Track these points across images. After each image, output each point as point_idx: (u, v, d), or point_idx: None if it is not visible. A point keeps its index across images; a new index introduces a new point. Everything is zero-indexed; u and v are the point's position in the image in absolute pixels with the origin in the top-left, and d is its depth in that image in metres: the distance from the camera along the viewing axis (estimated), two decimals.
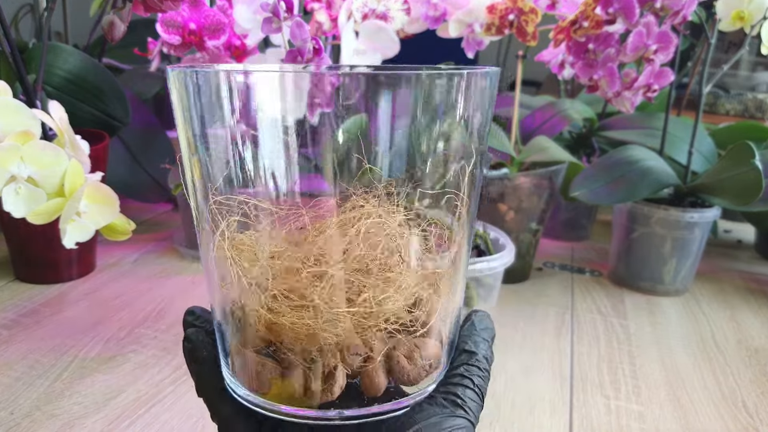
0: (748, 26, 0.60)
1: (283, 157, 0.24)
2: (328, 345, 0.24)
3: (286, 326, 0.24)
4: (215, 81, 0.23)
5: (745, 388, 0.52)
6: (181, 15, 0.57)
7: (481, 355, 0.28)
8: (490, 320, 0.30)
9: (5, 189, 0.41)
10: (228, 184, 0.25)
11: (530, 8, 0.62)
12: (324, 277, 0.24)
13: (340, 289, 0.24)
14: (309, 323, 0.24)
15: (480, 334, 0.29)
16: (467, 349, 0.28)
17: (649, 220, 0.69)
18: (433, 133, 0.25)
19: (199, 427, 0.43)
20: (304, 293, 0.24)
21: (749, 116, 1.30)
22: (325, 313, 0.24)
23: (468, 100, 0.25)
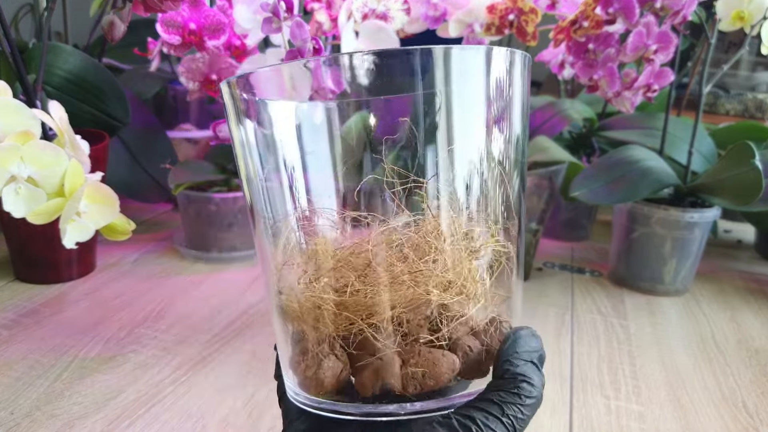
0: (748, 26, 0.60)
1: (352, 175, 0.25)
2: (327, 336, 0.24)
3: (295, 310, 0.25)
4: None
5: (745, 388, 0.52)
6: (181, 15, 0.57)
7: (524, 382, 0.24)
8: (538, 340, 0.25)
9: (5, 189, 0.41)
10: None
11: (530, 8, 0.62)
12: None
13: (343, 278, 0.24)
14: (307, 306, 0.24)
15: (523, 355, 0.24)
16: (507, 376, 0.24)
17: (649, 220, 0.69)
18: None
19: (199, 427, 0.43)
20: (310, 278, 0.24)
21: (749, 116, 1.30)
22: (308, 298, 0.24)
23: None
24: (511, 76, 0.26)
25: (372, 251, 0.24)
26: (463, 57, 0.24)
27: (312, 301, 0.24)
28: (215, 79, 0.60)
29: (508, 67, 0.25)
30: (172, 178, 0.68)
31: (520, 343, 0.25)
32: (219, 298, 0.63)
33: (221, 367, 0.51)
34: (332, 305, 0.24)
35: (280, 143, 0.25)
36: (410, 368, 0.23)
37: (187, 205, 0.72)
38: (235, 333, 0.56)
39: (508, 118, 0.26)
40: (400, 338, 0.24)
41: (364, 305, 0.24)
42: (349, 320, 0.24)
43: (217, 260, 0.73)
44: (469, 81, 0.25)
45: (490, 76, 0.25)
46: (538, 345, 0.25)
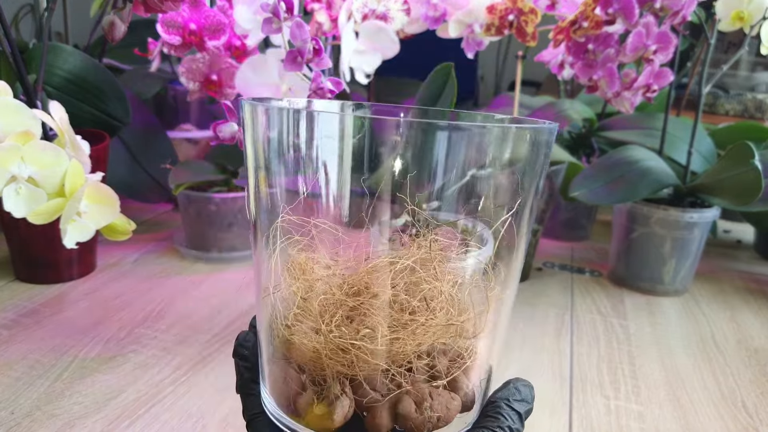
0: (748, 26, 0.60)
1: (343, 186, 0.25)
2: (334, 372, 0.24)
3: (297, 346, 0.25)
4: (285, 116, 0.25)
5: (745, 388, 0.52)
6: (181, 15, 0.57)
7: (506, 427, 0.25)
8: (531, 392, 0.28)
9: (6, 189, 0.41)
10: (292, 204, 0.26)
11: (530, 9, 0.63)
12: (343, 306, 0.25)
13: (355, 321, 0.24)
14: (316, 346, 0.24)
15: (513, 405, 0.26)
16: (492, 414, 0.26)
17: (648, 221, 0.69)
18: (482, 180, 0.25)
19: (199, 426, 0.43)
20: (316, 318, 0.25)
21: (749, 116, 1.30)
22: (330, 341, 0.24)
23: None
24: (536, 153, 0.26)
25: (385, 297, 0.25)
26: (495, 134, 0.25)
27: (337, 344, 0.24)
28: (215, 80, 0.60)
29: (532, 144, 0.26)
30: (172, 178, 0.68)
31: (513, 392, 0.27)
32: (219, 298, 0.63)
33: (221, 367, 0.51)
34: (365, 353, 0.24)
35: (289, 148, 0.25)
36: (427, 412, 0.24)
37: (188, 205, 0.72)
38: (235, 333, 0.56)
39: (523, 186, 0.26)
40: (411, 379, 0.25)
41: (391, 352, 0.24)
42: (371, 365, 0.24)
43: (217, 260, 0.73)
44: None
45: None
46: (530, 399, 0.27)
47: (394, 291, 0.25)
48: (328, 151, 0.24)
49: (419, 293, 0.25)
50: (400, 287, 0.25)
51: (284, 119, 0.25)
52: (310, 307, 0.25)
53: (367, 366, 0.24)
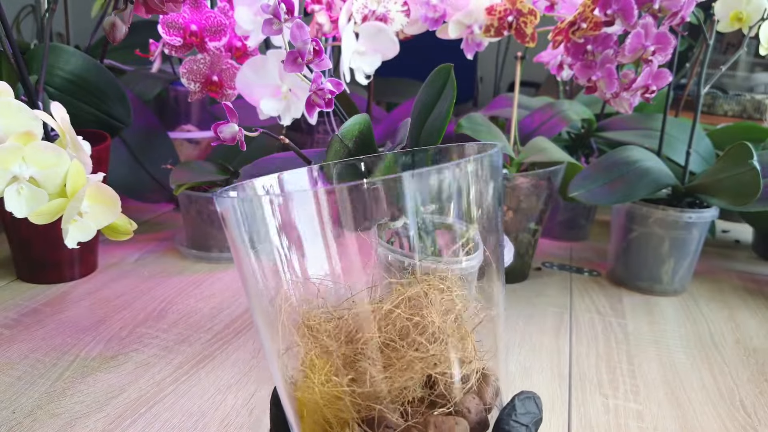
0: (747, 27, 0.60)
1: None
2: (336, 418, 0.25)
3: (300, 399, 0.26)
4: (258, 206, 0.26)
5: (743, 387, 0.53)
6: (182, 16, 0.57)
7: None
8: (536, 403, 0.28)
9: (7, 189, 0.42)
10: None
11: (529, 10, 0.63)
12: (333, 355, 0.25)
13: (345, 368, 0.25)
14: (317, 399, 0.25)
15: (519, 419, 0.27)
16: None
17: (647, 221, 0.69)
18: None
19: (200, 425, 0.43)
20: (308, 372, 0.26)
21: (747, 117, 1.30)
22: (320, 391, 0.25)
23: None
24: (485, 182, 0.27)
25: (380, 336, 0.25)
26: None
27: (333, 393, 0.25)
28: (216, 81, 0.61)
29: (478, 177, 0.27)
30: (173, 179, 0.69)
31: (518, 407, 0.27)
32: (220, 297, 0.64)
33: (222, 366, 0.51)
34: (356, 396, 0.25)
35: (271, 223, 0.26)
36: None
37: (189, 206, 0.72)
38: (236, 332, 0.57)
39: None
40: (416, 409, 0.25)
41: (381, 392, 0.25)
42: (368, 406, 0.25)
43: (218, 260, 0.73)
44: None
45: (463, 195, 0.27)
46: (536, 410, 0.28)
47: (383, 330, 0.25)
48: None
49: (398, 330, 0.25)
50: (391, 327, 0.26)
51: (249, 212, 0.26)
52: (307, 361, 0.26)
53: (362, 407, 0.25)
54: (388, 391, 0.25)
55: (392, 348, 0.25)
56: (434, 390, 0.26)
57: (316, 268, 0.27)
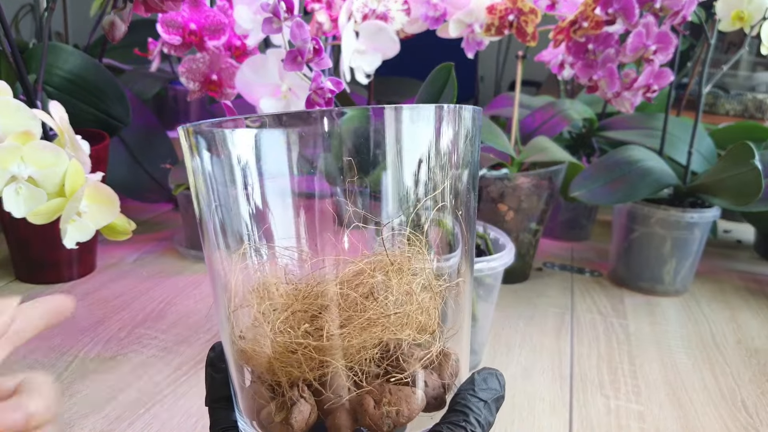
0: (748, 26, 0.60)
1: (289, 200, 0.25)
2: (289, 378, 0.24)
3: (248, 353, 0.25)
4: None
5: (745, 388, 0.52)
6: (181, 15, 0.57)
7: (473, 417, 0.24)
8: (498, 380, 0.26)
9: (6, 189, 0.41)
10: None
11: (530, 8, 0.62)
12: (292, 311, 0.24)
13: (301, 322, 0.24)
14: (267, 352, 0.24)
15: (478, 394, 0.25)
16: (458, 408, 0.25)
17: (648, 221, 0.69)
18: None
19: (199, 426, 0.43)
20: (259, 319, 0.24)
21: (749, 116, 1.30)
22: (275, 344, 0.24)
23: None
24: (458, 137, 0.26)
25: (341, 294, 0.25)
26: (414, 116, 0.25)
27: (285, 346, 0.24)
28: (216, 80, 0.60)
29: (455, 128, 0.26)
30: (172, 178, 0.68)
31: (479, 382, 0.26)
32: None
33: None
34: (311, 350, 0.24)
35: (238, 170, 0.25)
36: (385, 407, 0.24)
37: (188, 205, 0.72)
38: None
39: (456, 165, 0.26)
40: (371, 378, 0.25)
41: (337, 348, 0.24)
42: (322, 363, 0.24)
43: None
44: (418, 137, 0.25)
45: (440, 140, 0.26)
46: (498, 386, 0.26)
47: (343, 290, 0.24)
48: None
49: (360, 290, 0.24)
50: (352, 287, 0.25)
51: (217, 143, 0.25)
52: (260, 315, 0.25)
53: (317, 364, 0.24)
54: (345, 349, 0.24)
55: (352, 306, 0.24)
56: (391, 360, 0.25)
57: (280, 232, 0.26)
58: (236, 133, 0.25)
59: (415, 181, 0.25)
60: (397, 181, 0.25)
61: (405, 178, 0.25)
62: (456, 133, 0.26)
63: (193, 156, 0.25)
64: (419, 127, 0.25)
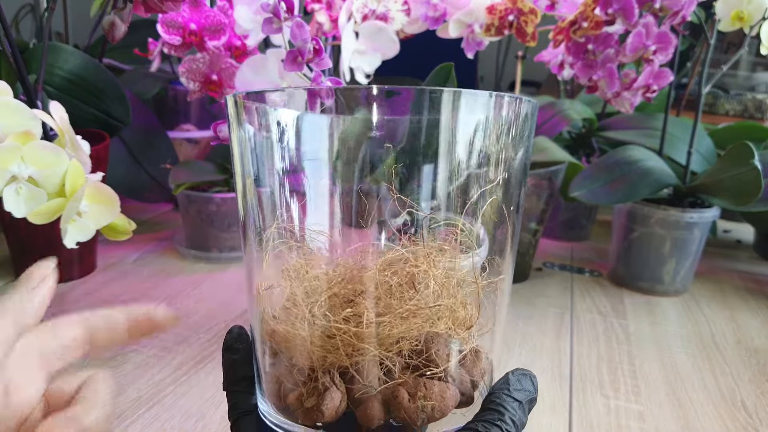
0: (748, 26, 0.60)
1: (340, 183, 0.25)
2: (323, 364, 0.24)
3: (281, 335, 0.25)
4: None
5: (744, 387, 0.52)
6: (181, 15, 0.57)
7: (508, 417, 0.24)
8: (532, 382, 0.27)
9: (6, 189, 0.41)
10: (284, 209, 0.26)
11: (530, 9, 0.63)
12: (331, 295, 0.24)
13: (339, 306, 0.24)
14: (302, 334, 0.24)
15: (513, 394, 0.25)
16: (492, 407, 0.25)
17: (648, 221, 0.69)
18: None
19: (200, 426, 0.43)
20: (298, 303, 0.24)
21: (749, 116, 1.30)
22: (316, 327, 0.23)
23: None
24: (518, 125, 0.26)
25: (382, 281, 0.24)
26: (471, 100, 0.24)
27: (323, 329, 0.24)
28: (216, 80, 0.60)
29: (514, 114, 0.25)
30: (172, 178, 0.68)
31: (513, 382, 0.26)
32: (219, 297, 0.64)
33: (222, 366, 0.51)
34: (351, 336, 0.23)
35: (278, 150, 0.25)
36: (420, 401, 0.24)
37: (188, 205, 0.72)
38: None
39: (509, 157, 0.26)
40: (404, 370, 0.24)
41: (376, 336, 0.24)
42: (359, 351, 0.24)
43: (218, 260, 0.73)
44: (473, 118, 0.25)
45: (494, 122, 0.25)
46: (531, 388, 0.26)
47: (382, 277, 0.24)
48: (315, 149, 0.24)
49: (400, 279, 0.24)
50: (390, 275, 0.24)
51: (270, 119, 0.24)
52: (297, 296, 0.25)
53: (353, 351, 0.24)
54: (384, 338, 0.23)
55: (393, 294, 0.24)
56: (428, 353, 0.24)
57: (316, 217, 0.25)
58: (281, 112, 0.25)
59: (462, 168, 0.25)
60: (445, 166, 0.24)
61: (453, 164, 0.24)
62: (510, 122, 0.25)
63: (240, 125, 0.25)
64: (474, 115, 0.24)
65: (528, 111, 0.26)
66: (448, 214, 0.25)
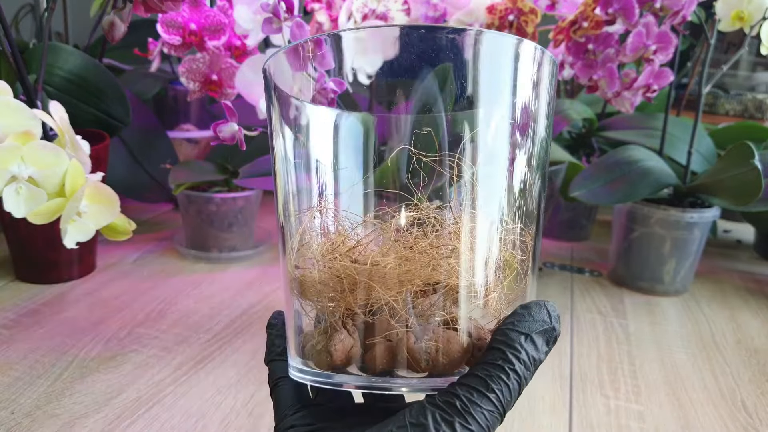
0: (748, 26, 0.60)
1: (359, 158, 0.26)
2: (331, 307, 0.24)
3: (299, 281, 0.25)
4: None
5: (744, 387, 0.52)
6: (181, 15, 0.57)
7: (510, 354, 0.21)
8: (548, 311, 0.23)
9: (6, 189, 0.41)
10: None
11: (530, 9, 0.63)
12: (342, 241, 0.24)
13: (349, 251, 0.24)
14: (314, 277, 0.24)
15: (518, 327, 0.22)
16: (495, 345, 0.22)
17: (648, 221, 0.69)
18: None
19: (200, 426, 0.43)
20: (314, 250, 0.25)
21: (749, 116, 1.30)
22: (325, 267, 0.24)
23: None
24: (540, 74, 0.26)
25: (394, 222, 0.25)
26: (495, 43, 0.24)
27: (333, 270, 0.24)
28: (216, 80, 0.60)
29: (537, 65, 0.26)
30: (172, 178, 0.68)
31: (521, 315, 0.23)
32: (219, 297, 0.63)
33: (221, 366, 0.51)
34: (354, 272, 0.24)
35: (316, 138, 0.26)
36: (425, 342, 0.23)
37: (188, 206, 0.72)
38: (235, 333, 0.56)
39: (534, 118, 0.26)
40: (414, 317, 0.24)
41: (383, 278, 0.24)
42: (368, 293, 0.23)
43: (217, 260, 0.73)
44: (498, 71, 0.25)
45: (519, 70, 0.25)
46: (546, 318, 0.22)
47: (398, 231, 0.24)
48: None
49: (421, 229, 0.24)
50: (407, 226, 0.25)
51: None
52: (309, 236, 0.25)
53: (363, 295, 0.23)
54: (388, 276, 0.23)
55: (401, 238, 0.24)
56: (444, 305, 0.24)
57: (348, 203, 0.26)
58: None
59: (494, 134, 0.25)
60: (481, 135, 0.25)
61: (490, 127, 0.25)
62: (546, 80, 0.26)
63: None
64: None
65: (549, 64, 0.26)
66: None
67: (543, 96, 0.26)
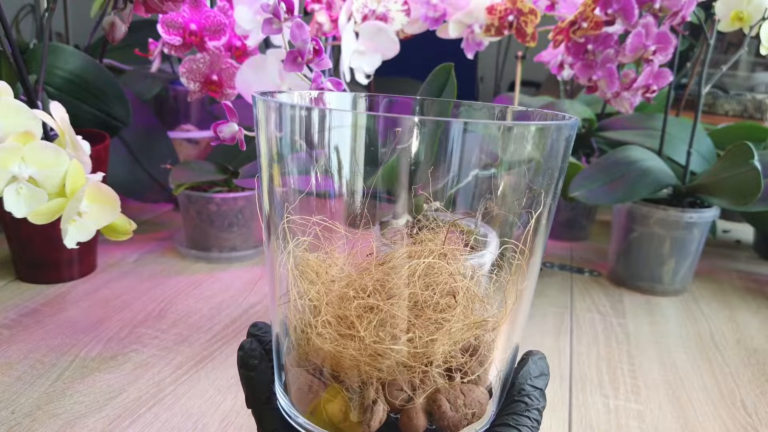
0: (747, 27, 0.60)
1: (355, 183, 0.25)
2: (369, 379, 0.24)
3: (331, 353, 0.24)
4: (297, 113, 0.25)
5: (744, 387, 0.52)
6: (181, 16, 0.57)
7: (533, 408, 0.27)
8: (546, 364, 0.29)
9: (6, 189, 0.42)
10: (303, 203, 0.26)
11: (529, 9, 0.63)
12: (374, 310, 0.24)
13: (389, 325, 0.24)
14: (353, 354, 0.24)
15: (535, 383, 0.28)
16: (519, 399, 0.27)
17: (648, 221, 0.69)
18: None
19: (200, 426, 0.43)
20: (353, 323, 0.24)
21: (748, 117, 1.30)
22: (369, 347, 0.24)
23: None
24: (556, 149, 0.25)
25: (421, 296, 0.24)
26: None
27: (374, 349, 0.24)
28: (216, 80, 0.60)
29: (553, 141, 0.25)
30: (172, 179, 0.69)
31: (533, 369, 0.28)
32: (219, 297, 0.64)
33: (222, 366, 0.51)
34: (405, 356, 0.24)
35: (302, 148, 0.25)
36: (462, 409, 0.24)
37: (188, 206, 0.72)
38: (235, 332, 0.56)
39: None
40: (445, 378, 0.25)
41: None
42: (406, 366, 0.24)
43: (218, 260, 0.73)
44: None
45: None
46: (546, 370, 0.29)
47: (412, 289, 0.24)
48: (341, 146, 0.24)
49: (438, 289, 0.24)
50: (417, 284, 0.24)
51: (295, 117, 0.25)
52: (339, 312, 0.24)
53: (407, 370, 0.24)
54: (425, 352, 0.24)
55: (431, 306, 0.24)
56: (468, 362, 0.25)
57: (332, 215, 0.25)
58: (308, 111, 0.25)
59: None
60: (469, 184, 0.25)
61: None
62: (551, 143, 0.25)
63: (268, 123, 0.26)
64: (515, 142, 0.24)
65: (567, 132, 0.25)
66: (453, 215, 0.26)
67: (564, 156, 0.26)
